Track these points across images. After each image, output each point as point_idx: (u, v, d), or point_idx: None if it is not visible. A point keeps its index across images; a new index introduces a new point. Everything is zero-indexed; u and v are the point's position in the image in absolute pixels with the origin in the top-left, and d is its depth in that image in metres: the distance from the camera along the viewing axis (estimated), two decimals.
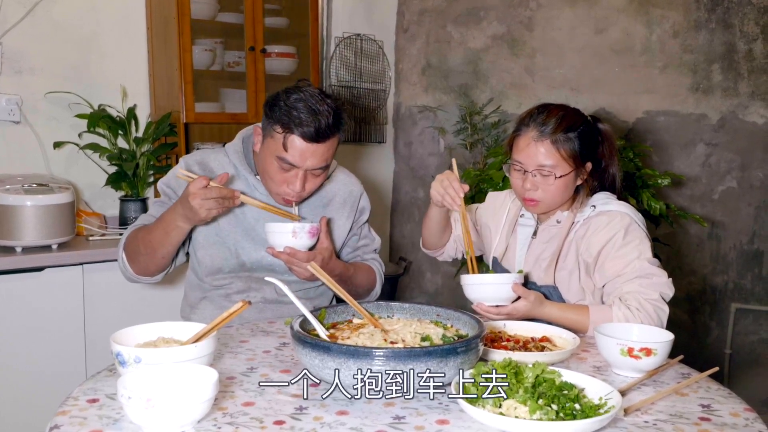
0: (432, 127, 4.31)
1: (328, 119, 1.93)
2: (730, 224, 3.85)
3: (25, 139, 3.21)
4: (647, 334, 1.64)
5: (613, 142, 2.05)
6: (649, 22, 3.80)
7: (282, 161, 1.96)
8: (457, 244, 2.29)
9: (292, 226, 1.94)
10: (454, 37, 4.22)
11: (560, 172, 1.93)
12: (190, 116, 3.31)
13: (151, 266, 2.08)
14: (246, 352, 1.69)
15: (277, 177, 2.00)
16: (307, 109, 1.92)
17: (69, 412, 1.30)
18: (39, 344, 2.80)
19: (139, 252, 2.05)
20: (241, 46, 3.52)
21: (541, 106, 2.01)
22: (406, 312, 1.67)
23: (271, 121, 1.97)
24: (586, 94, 3.91)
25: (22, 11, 3.15)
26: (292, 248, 1.93)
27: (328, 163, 2.02)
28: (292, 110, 1.92)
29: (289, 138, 1.93)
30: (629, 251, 1.89)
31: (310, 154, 1.95)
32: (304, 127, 1.91)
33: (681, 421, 1.32)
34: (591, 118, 2.02)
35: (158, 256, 2.04)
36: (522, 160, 1.96)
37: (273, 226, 1.97)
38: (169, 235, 1.97)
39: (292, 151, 1.94)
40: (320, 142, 1.95)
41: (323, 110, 1.93)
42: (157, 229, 1.99)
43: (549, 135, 1.92)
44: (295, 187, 2.00)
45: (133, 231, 2.08)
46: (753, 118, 3.73)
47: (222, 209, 1.90)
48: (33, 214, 2.80)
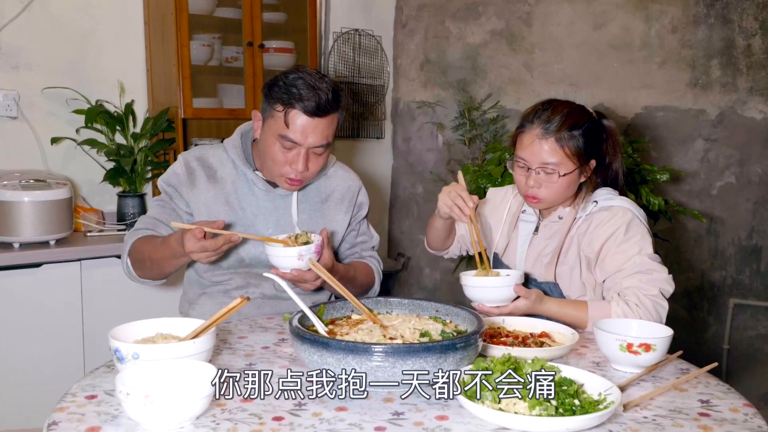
0: (430, 122, 4.31)
1: (327, 94, 1.95)
2: (728, 220, 3.85)
3: (23, 135, 3.20)
4: (646, 329, 1.64)
5: (617, 138, 2.05)
6: (648, 17, 3.80)
7: (284, 139, 1.97)
8: (461, 244, 2.27)
9: (297, 250, 1.86)
10: (453, 32, 4.21)
11: (564, 170, 1.92)
12: (188, 112, 3.30)
13: (156, 275, 2.09)
14: (245, 348, 1.68)
15: (279, 157, 2.00)
16: (307, 85, 1.94)
17: (67, 408, 1.29)
18: (37, 341, 2.80)
19: (144, 265, 2.04)
20: (239, 41, 3.51)
21: (545, 102, 1.99)
22: (405, 308, 1.67)
23: (271, 101, 1.99)
24: (584, 89, 3.90)
25: (19, 6, 3.14)
26: (299, 269, 1.88)
27: (329, 141, 2.02)
28: (292, 87, 1.95)
29: (290, 114, 1.95)
30: (630, 247, 1.89)
31: (311, 129, 1.96)
32: (304, 101, 1.93)
33: (680, 416, 1.32)
34: (596, 114, 2.01)
35: (166, 271, 2.05)
36: (526, 157, 1.95)
37: (276, 250, 1.89)
38: (178, 259, 1.95)
39: (293, 127, 1.95)
40: (321, 117, 1.96)
41: (323, 86, 1.96)
42: (163, 251, 1.95)
43: (553, 132, 1.91)
44: (298, 166, 1.99)
45: (137, 241, 2.05)
46: (752, 114, 3.73)
47: (221, 254, 1.87)
48: (30, 210, 2.79)
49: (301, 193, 2.18)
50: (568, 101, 2.00)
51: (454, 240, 2.26)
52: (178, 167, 2.14)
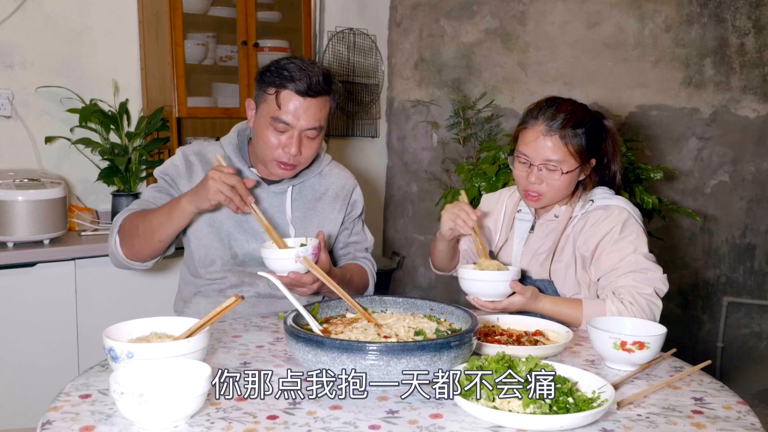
0: (425, 121, 4.31)
1: (318, 77, 1.99)
2: (722, 218, 3.86)
3: (17, 134, 3.19)
4: (640, 327, 1.65)
5: (616, 138, 2.06)
6: (642, 16, 3.81)
7: (276, 121, 1.99)
8: (465, 259, 2.26)
9: (294, 252, 1.85)
10: (447, 31, 4.22)
11: (567, 167, 1.93)
12: (183, 111, 3.29)
13: (145, 249, 2.03)
14: (239, 347, 1.68)
15: (272, 141, 2.01)
16: (298, 68, 1.99)
17: (61, 407, 1.29)
18: (31, 340, 2.79)
19: (136, 234, 2.01)
20: (234, 40, 3.51)
21: (549, 99, 2.00)
22: (400, 306, 1.67)
23: (263, 86, 2.02)
24: (578, 88, 3.91)
25: (12, 5, 3.13)
26: (296, 273, 1.87)
27: (321, 125, 2.04)
28: (283, 70, 1.99)
29: (281, 94, 1.98)
30: (625, 245, 1.90)
31: (303, 110, 1.98)
32: (296, 81, 1.97)
33: (674, 414, 1.33)
34: (596, 114, 2.02)
35: (155, 239, 2.00)
36: (528, 153, 1.95)
37: (272, 252, 1.88)
38: (171, 216, 1.95)
39: (285, 108, 1.98)
40: (312, 97, 1.99)
41: (314, 69, 2.00)
42: (160, 211, 1.98)
43: (558, 130, 1.91)
44: (291, 149, 2.00)
45: (130, 214, 2.05)
46: (745, 112, 3.75)
47: (228, 201, 1.87)
48: (25, 209, 2.78)
49: (296, 191, 2.18)
50: (571, 99, 2.01)
51: (459, 258, 2.26)
52: (177, 159, 2.15)
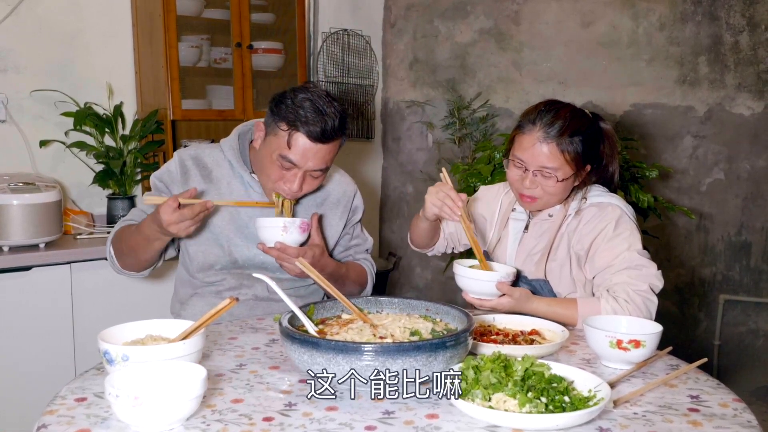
0: (420, 122, 4.31)
1: (334, 121, 1.93)
2: (717, 216, 3.87)
3: (11, 138, 3.19)
4: (636, 326, 1.65)
5: (614, 140, 2.04)
6: (636, 14, 3.81)
7: (284, 159, 1.95)
8: (447, 242, 2.26)
9: (282, 221, 1.93)
10: (441, 31, 4.22)
11: (562, 175, 1.91)
12: (177, 113, 3.29)
13: (136, 265, 2.09)
14: (235, 349, 1.68)
15: (275, 175, 2.00)
16: (314, 108, 1.91)
17: (57, 411, 1.29)
18: (27, 343, 2.78)
19: (122, 251, 2.06)
20: (228, 42, 3.50)
21: (548, 103, 1.97)
22: (395, 307, 1.67)
23: (276, 118, 1.96)
24: (573, 87, 3.91)
25: (6, 9, 3.12)
26: (282, 243, 1.92)
27: (328, 165, 2.02)
28: (299, 108, 1.91)
29: (294, 135, 1.92)
30: (619, 243, 1.90)
31: (312, 154, 1.95)
32: (310, 125, 1.91)
33: (670, 412, 1.33)
34: (593, 116, 2.00)
35: (141, 258, 2.05)
36: (524, 158, 1.93)
37: (263, 221, 1.96)
38: (151, 244, 1.97)
39: (295, 150, 1.93)
40: (324, 143, 1.94)
41: (330, 112, 1.92)
42: (138, 236, 1.98)
43: (555, 137, 1.89)
44: (293, 186, 1.99)
45: (120, 228, 2.08)
46: (740, 110, 3.75)
47: (198, 223, 1.88)
48: (20, 213, 2.78)
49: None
50: (570, 105, 1.98)
51: (440, 238, 2.25)
52: (172, 165, 2.14)
